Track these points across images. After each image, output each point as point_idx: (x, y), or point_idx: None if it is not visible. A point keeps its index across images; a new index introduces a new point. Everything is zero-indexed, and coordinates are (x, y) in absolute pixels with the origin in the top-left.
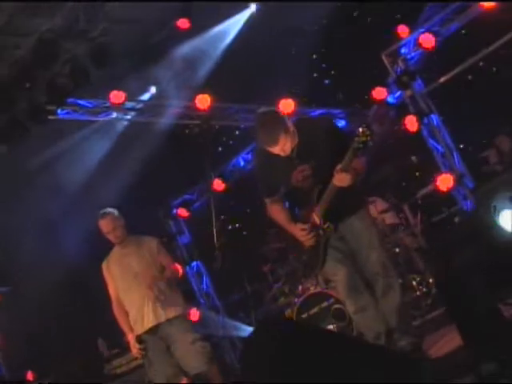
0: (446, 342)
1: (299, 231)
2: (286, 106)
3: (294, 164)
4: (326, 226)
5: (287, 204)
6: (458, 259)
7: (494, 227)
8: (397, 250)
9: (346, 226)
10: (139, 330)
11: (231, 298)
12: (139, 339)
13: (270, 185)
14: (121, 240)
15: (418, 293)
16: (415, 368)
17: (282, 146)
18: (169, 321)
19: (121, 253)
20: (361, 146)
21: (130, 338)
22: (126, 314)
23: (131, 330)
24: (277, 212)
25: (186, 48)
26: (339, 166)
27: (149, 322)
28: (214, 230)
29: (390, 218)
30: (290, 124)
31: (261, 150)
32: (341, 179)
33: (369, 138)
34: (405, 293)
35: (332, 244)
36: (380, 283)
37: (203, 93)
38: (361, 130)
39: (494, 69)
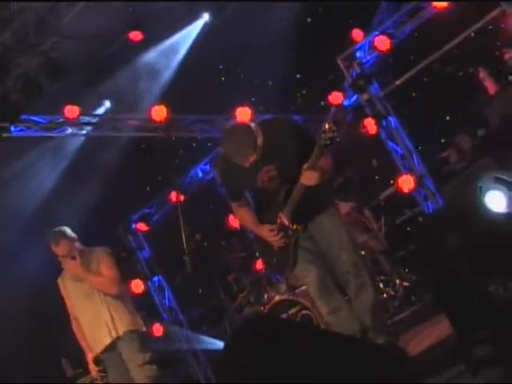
0: (420, 341)
1: (267, 232)
2: (243, 114)
3: (258, 166)
4: (294, 226)
5: (254, 206)
6: (445, 243)
7: (481, 208)
8: (362, 252)
9: (314, 226)
10: (97, 349)
11: (194, 311)
12: (97, 360)
13: (234, 189)
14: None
15: (385, 295)
16: (398, 364)
17: (249, 161)
18: (120, 338)
19: None
20: (328, 142)
21: (89, 358)
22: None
23: (90, 349)
24: (244, 215)
25: (139, 60)
26: (306, 165)
27: (105, 340)
28: (183, 234)
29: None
30: (258, 137)
31: (223, 157)
32: (308, 178)
33: (335, 135)
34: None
35: (301, 245)
36: (352, 283)
37: (159, 104)
38: (327, 126)
39: (449, 69)
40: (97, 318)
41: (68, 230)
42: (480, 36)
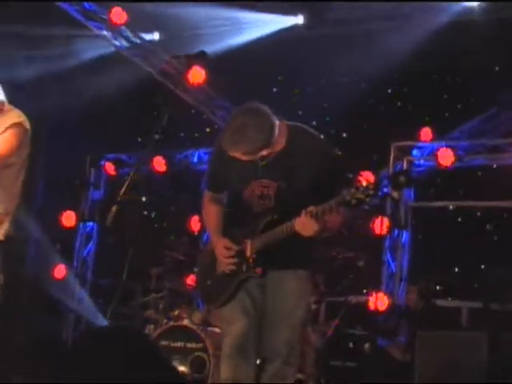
0: None
1: (222, 248)
2: None
3: (258, 172)
4: (254, 264)
5: (227, 212)
6: None
7: None
8: None
9: (275, 278)
10: None
11: (103, 279)
12: None
13: (218, 179)
14: None
15: None
16: None
17: (242, 156)
18: None
19: None
20: (353, 202)
21: None
22: None
23: None
24: (211, 212)
25: (212, 11)
26: (311, 208)
27: None
28: (126, 182)
29: None
30: (275, 141)
31: (220, 144)
32: (305, 225)
33: (367, 200)
34: None
35: (248, 287)
36: (275, 366)
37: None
38: (365, 183)
39: (488, 226)
40: None
41: None
42: None
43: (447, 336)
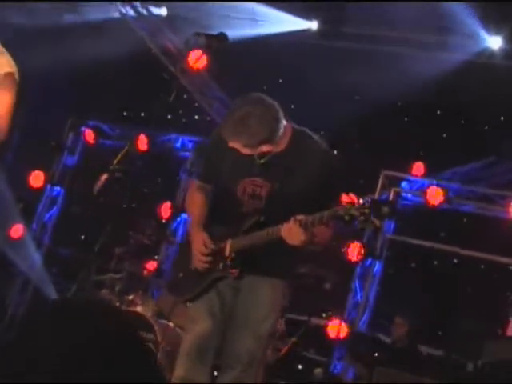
0: None
1: (199, 242)
2: None
3: (253, 169)
4: (232, 264)
5: (211, 206)
6: None
7: None
8: None
9: (250, 284)
10: None
11: (61, 249)
12: None
13: (210, 169)
14: None
15: None
16: None
17: (243, 149)
18: None
19: None
20: (347, 217)
21: None
22: None
23: None
24: (197, 201)
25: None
26: (301, 217)
27: None
28: (122, 152)
29: None
30: (278, 138)
31: (219, 134)
32: (291, 232)
33: (361, 218)
34: None
35: (220, 287)
36: (233, 374)
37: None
38: (361, 201)
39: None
40: None
41: None
42: None
43: (406, 377)
